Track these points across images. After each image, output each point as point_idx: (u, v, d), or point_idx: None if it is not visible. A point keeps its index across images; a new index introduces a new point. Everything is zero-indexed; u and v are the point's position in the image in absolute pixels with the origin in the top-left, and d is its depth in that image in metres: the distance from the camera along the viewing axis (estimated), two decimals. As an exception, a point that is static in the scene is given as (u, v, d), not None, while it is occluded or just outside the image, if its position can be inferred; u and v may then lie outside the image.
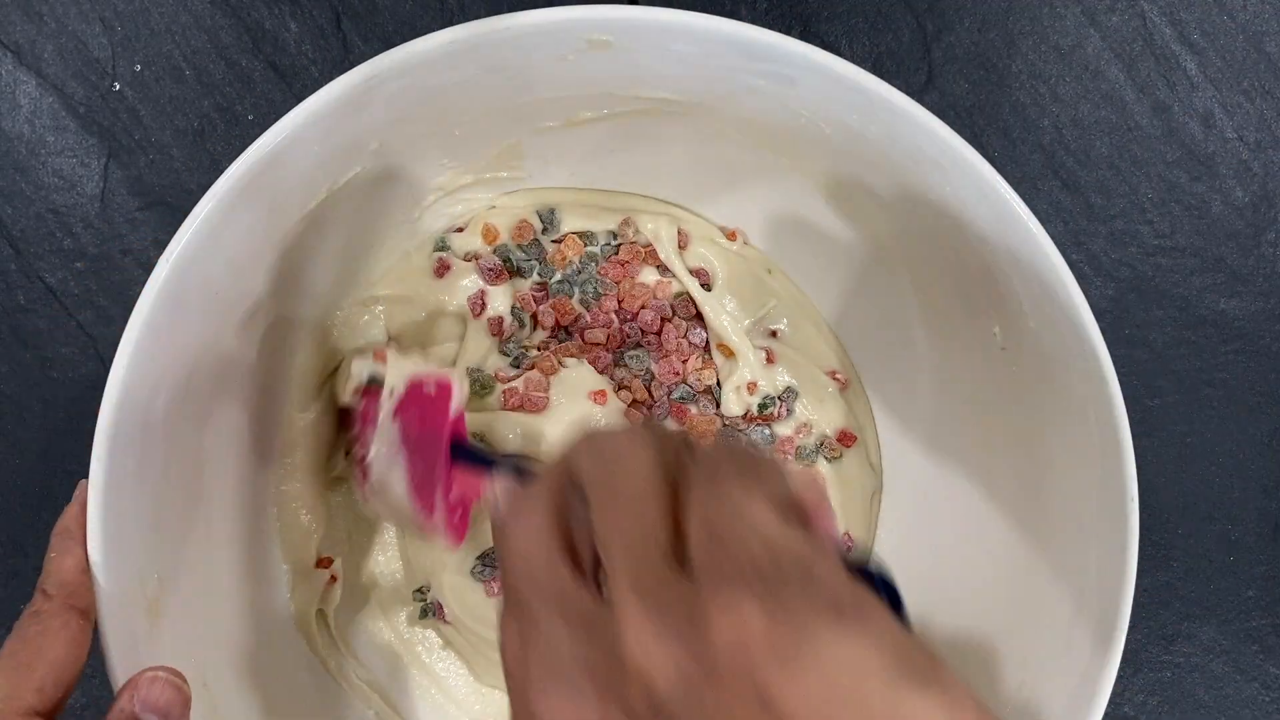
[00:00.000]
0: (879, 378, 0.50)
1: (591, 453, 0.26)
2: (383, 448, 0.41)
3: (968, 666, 0.44)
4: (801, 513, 0.24)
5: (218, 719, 0.38)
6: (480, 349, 0.47)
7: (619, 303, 0.47)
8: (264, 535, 0.44)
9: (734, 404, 0.47)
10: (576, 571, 0.25)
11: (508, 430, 0.45)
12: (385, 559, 0.48)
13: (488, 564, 0.46)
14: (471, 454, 0.41)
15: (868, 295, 0.48)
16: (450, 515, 0.41)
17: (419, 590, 0.47)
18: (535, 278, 0.48)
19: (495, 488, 0.27)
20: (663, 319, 0.48)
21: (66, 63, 0.50)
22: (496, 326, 0.47)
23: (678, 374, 0.47)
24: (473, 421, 0.45)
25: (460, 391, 0.42)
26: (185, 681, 0.33)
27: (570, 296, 0.47)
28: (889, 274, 0.46)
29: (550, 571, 0.25)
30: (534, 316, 0.47)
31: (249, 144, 0.35)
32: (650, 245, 0.47)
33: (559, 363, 0.46)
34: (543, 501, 0.26)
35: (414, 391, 0.42)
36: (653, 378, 0.47)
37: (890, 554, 0.49)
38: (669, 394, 0.47)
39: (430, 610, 0.47)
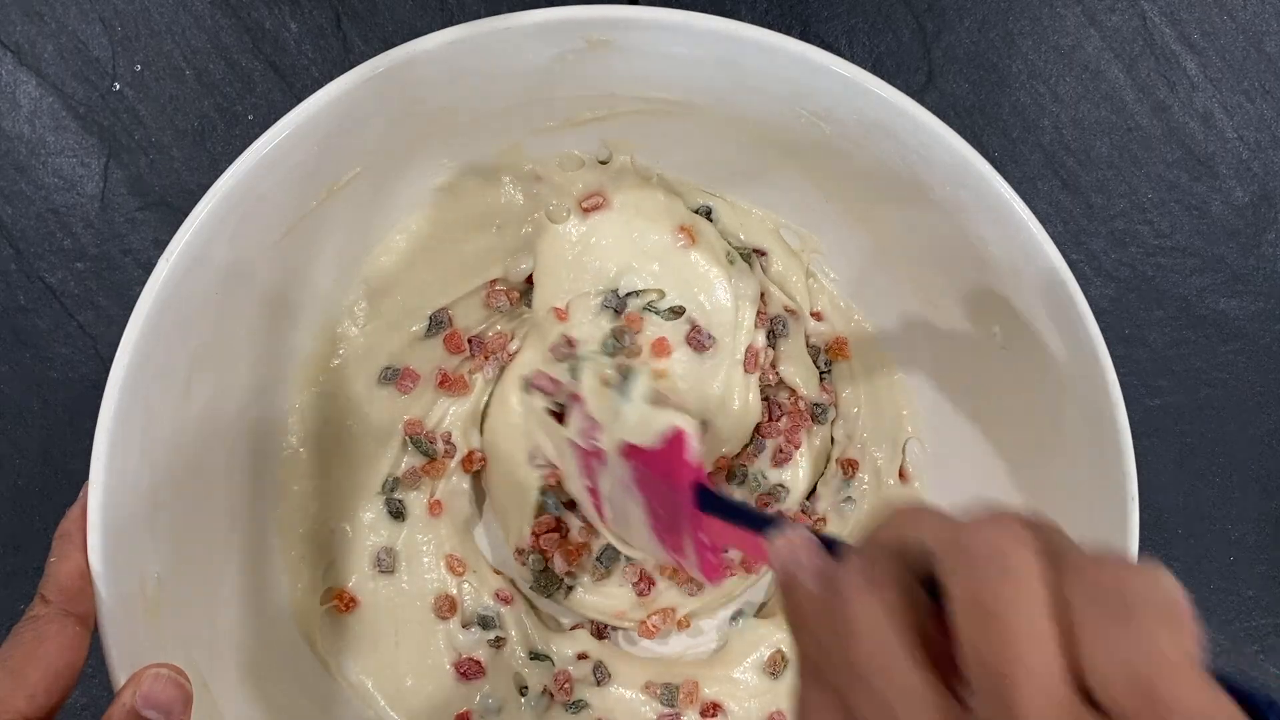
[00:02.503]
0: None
1: (952, 542, 0.22)
2: (615, 486, 0.41)
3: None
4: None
5: (218, 719, 0.38)
6: None
7: None
8: (265, 534, 0.44)
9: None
10: (933, 672, 0.21)
11: None
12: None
13: (384, 569, 0.47)
14: (724, 506, 0.37)
15: (867, 295, 0.48)
16: (704, 557, 0.38)
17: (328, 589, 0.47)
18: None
19: (783, 547, 0.25)
20: None
21: (66, 63, 0.50)
22: None
23: None
24: None
25: (695, 440, 0.40)
26: (187, 679, 0.33)
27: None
28: (889, 273, 0.46)
29: (904, 662, 0.21)
30: None
31: (249, 144, 0.35)
32: None
33: None
34: (892, 579, 0.22)
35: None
36: None
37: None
38: None
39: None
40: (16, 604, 0.50)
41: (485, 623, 0.47)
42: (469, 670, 0.47)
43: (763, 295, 0.48)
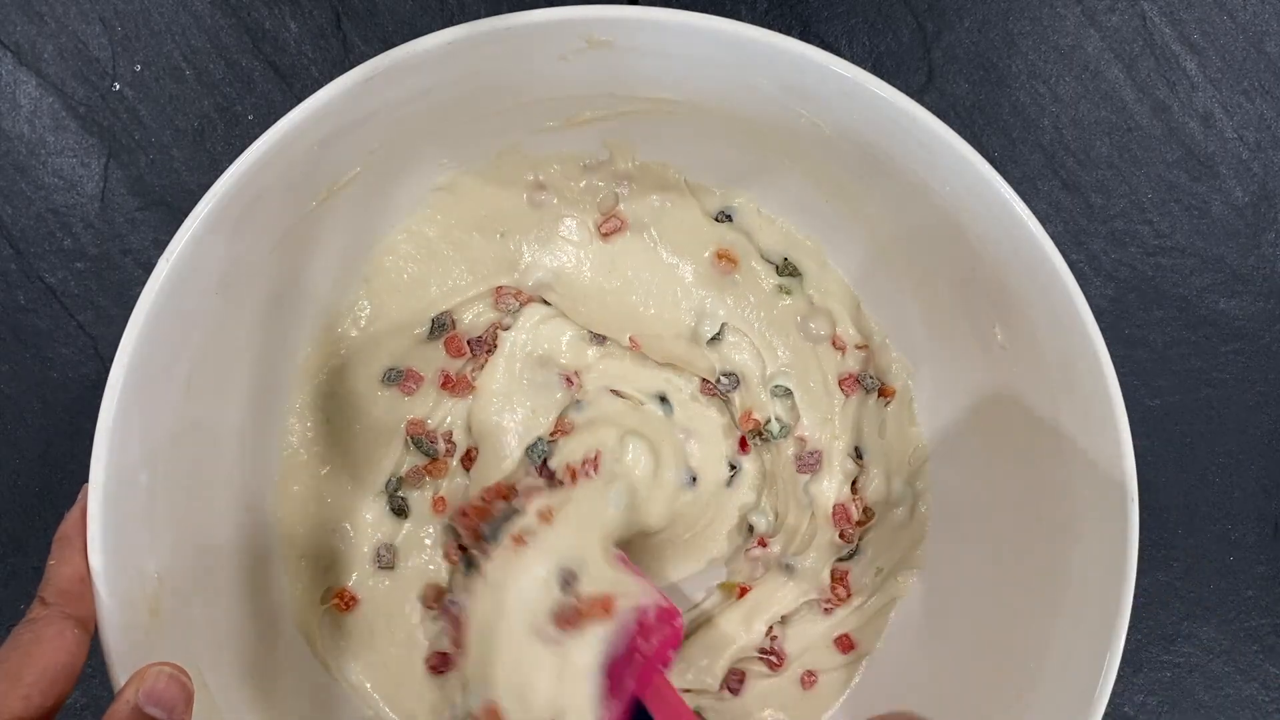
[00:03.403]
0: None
1: None
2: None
3: (968, 668, 0.44)
4: None
5: (218, 719, 0.38)
6: None
7: None
8: (265, 534, 0.44)
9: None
10: None
11: None
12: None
13: (384, 565, 0.46)
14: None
15: (867, 295, 0.48)
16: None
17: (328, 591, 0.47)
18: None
19: None
20: None
21: (66, 63, 0.50)
22: None
23: None
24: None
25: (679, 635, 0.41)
26: (189, 678, 0.33)
27: None
28: (889, 274, 0.46)
29: None
30: None
31: (249, 144, 0.35)
32: None
33: None
34: None
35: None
36: None
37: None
38: None
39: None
40: (17, 604, 0.50)
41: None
42: (438, 664, 0.47)
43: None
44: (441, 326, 0.47)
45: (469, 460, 0.49)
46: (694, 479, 0.48)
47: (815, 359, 0.48)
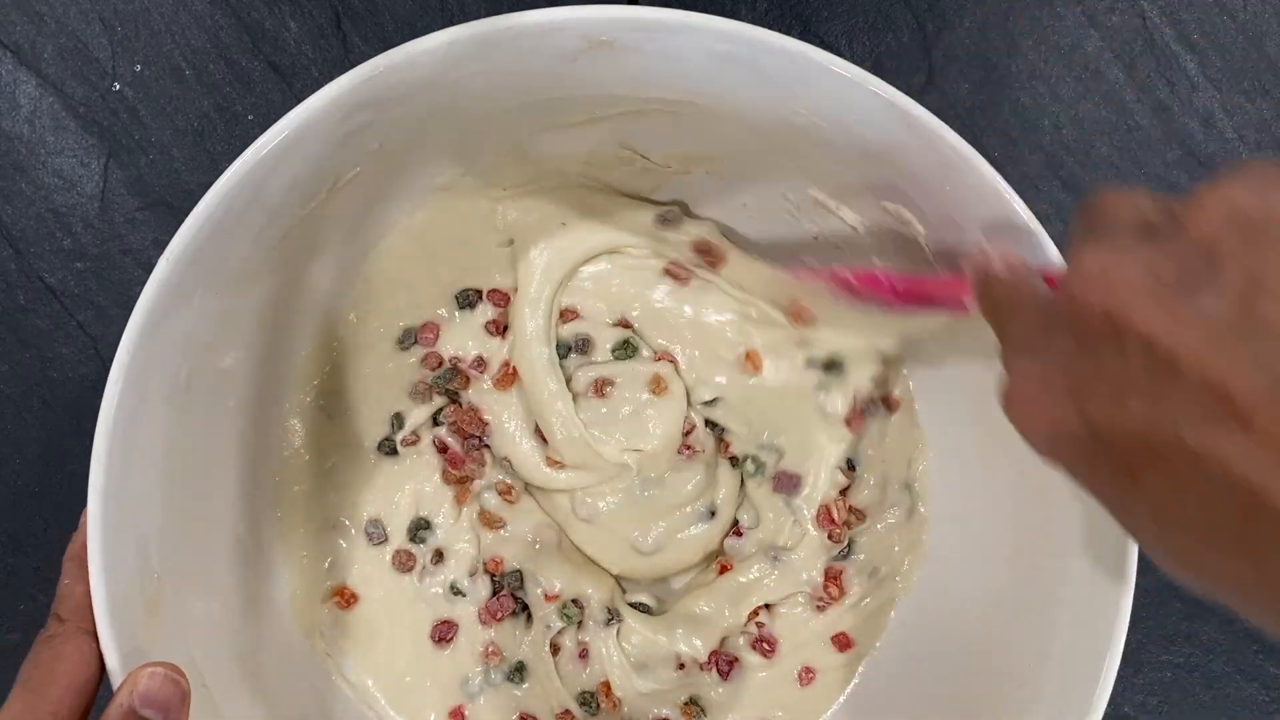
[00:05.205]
0: (879, 378, 0.50)
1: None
2: None
3: (967, 665, 0.44)
4: None
5: (218, 718, 0.38)
6: None
7: None
8: (265, 534, 0.44)
9: None
10: None
11: None
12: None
13: (375, 541, 0.47)
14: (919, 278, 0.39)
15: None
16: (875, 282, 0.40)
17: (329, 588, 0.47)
18: None
19: (977, 258, 0.32)
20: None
21: (66, 63, 0.50)
22: None
23: None
24: None
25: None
26: (185, 677, 0.33)
27: None
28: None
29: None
30: None
31: (249, 144, 0.35)
32: None
33: None
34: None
35: None
36: None
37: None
38: None
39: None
40: (17, 604, 0.50)
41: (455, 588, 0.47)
42: (443, 633, 0.47)
43: None
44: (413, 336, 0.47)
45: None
46: (712, 514, 0.48)
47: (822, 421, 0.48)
